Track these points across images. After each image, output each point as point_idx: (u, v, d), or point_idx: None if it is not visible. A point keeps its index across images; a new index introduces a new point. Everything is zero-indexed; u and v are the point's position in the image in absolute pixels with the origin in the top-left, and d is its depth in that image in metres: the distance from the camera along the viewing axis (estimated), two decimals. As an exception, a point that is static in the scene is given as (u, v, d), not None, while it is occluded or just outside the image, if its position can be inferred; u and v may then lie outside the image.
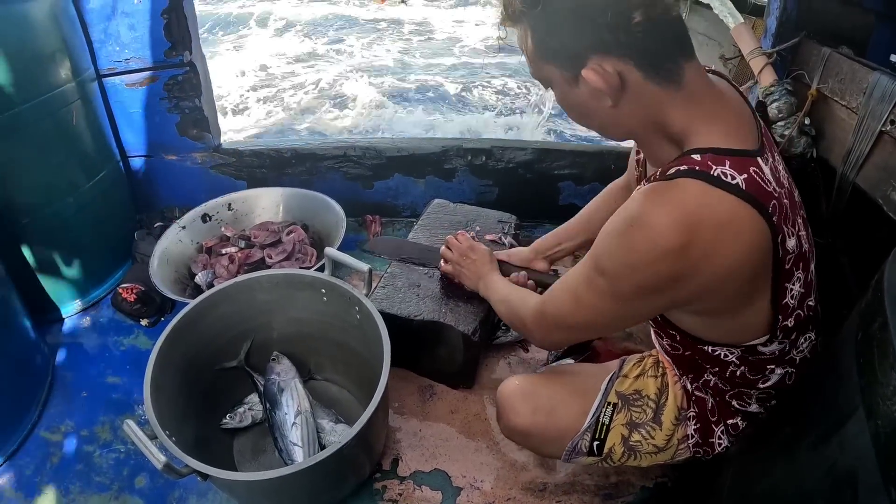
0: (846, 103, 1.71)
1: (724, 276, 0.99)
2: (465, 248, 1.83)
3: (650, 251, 0.97)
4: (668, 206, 0.96)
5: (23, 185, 1.93)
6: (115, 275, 2.35)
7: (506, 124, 6.82)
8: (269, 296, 1.75)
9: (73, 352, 2.09)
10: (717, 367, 1.26)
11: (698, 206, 0.95)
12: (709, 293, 1.03)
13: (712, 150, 0.99)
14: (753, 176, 0.97)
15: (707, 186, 0.95)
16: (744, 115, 1.09)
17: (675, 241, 0.94)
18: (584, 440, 1.39)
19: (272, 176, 2.67)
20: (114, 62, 2.29)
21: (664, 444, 1.37)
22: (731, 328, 1.16)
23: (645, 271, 1.00)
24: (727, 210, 0.95)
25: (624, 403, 1.39)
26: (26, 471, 1.70)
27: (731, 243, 0.96)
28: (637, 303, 1.09)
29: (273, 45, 9.83)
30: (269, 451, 1.71)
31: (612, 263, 1.05)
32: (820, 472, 0.85)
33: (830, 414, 0.88)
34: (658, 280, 1.00)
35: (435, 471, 1.71)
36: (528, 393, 1.45)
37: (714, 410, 1.35)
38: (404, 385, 1.95)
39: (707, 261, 0.96)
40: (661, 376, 1.42)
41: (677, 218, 0.95)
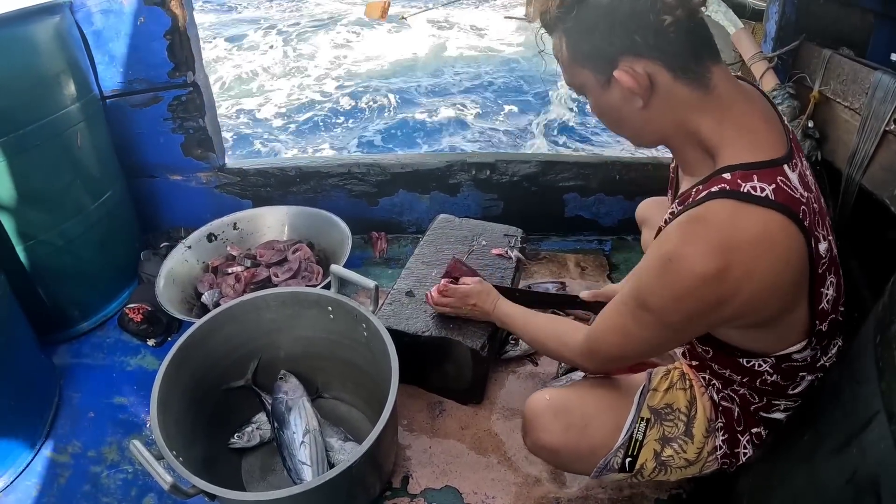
0: (849, 104, 1.71)
1: (766, 289, 1.00)
2: (457, 299, 1.78)
3: (691, 281, 0.99)
4: (701, 234, 0.99)
5: (29, 207, 1.93)
6: (121, 295, 2.35)
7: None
8: (275, 314, 1.74)
9: (80, 372, 2.08)
10: (747, 377, 1.26)
11: (731, 227, 0.97)
12: (754, 308, 1.03)
13: (742, 166, 1.01)
14: (781, 185, 0.99)
15: (737, 205, 0.98)
16: (771, 121, 1.10)
17: (714, 267, 0.96)
18: (617, 457, 1.36)
19: (277, 195, 2.67)
20: (118, 83, 2.31)
21: (695, 458, 1.36)
22: (771, 338, 1.15)
23: (689, 300, 1.02)
24: (759, 224, 0.97)
25: (657, 418, 1.37)
26: (33, 492, 1.69)
27: (768, 256, 0.98)
28: (686, 328, 1.12)
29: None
30: (277, 471, 1.70)
31: (656, 299, 1.06)
32: (841, 480, 0.83)
33: (851, 420, 0.86)
34: (703, 306, 1.02)
35: (446, 488, 1.69)
36: (560, 409, 1.41)
37: (740, 420, 1.34)
38: (413, 402, 1.94)
39: (748, 279, 0.97)
40: (689, 388, 1.40)
41: (713, 244, 0.97)
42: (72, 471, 1.75)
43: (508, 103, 8.01)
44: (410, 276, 2.03)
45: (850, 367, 0.95)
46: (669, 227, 1.06)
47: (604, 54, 1.04)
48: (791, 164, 1.04)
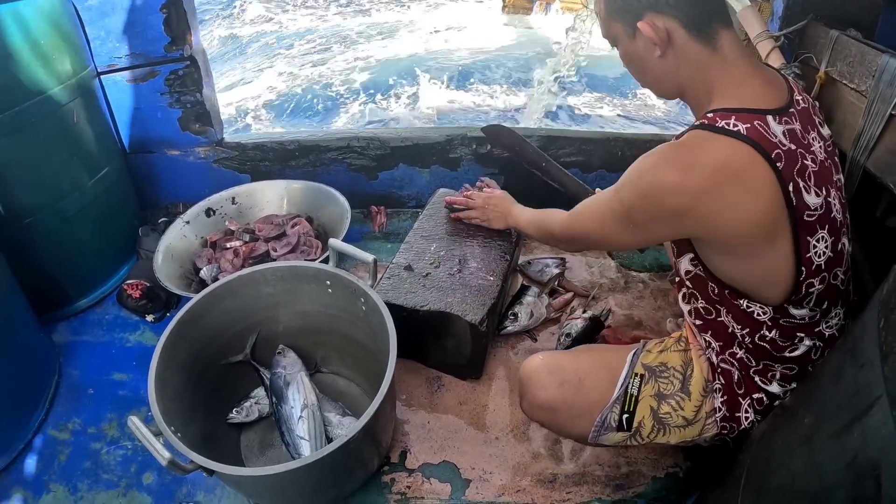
0: (855, 86, 1.68)
1: (727, 210, 1.12)
2: (484, 198, 2.08)
3: (654, 186, 1.17)
4: (673, 152, 1.16)
5: (25, 184, 1.92)
6: (119, 271, 2.35)
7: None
8: (273, 289, 1.73)
9: (80, 349, 2.08)
10: (747, 328, 1.29)
11: (699, 149, 1.14)
12: (719, 227, 1.15)
13: (724, 109, 1.16)
14: (756, 127, 1.12)
15: (709, 134, 1.13)
16: (772, 84, 1.23)
17: (674, 179, 1.13)
18: (614, 413, 1.39)
19: (276, 169, 2.66)
20: (114, 58, 2.28)
21: (693, 416, 1.38)
22: (758, 271, 1.22)
23: (650, 203, 1.19)
24: (725, 151, 1.11)
25: (651, 375, 1.41)
26: (34, 469, 1.70)
27: (729, 180, 1.11)
28: (648, 228, 1.27)
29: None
30: (276, 446, 1.70)
31: (628, 194, 1.25)
32: (841, 464, 0.82)
33: (852, 403, 0.85)
34: (662, 211, 1.18)
35: (444, 463, 1.69)
36: (554, 367, 1.46)
37: (741, 383, 1.36)
38: (412, 377, 1.94)
39: (705, 196, 1.12)
40: (684, 351, 1.44)
41: (679, 160, 1.15)
42: (72, 448, 1.76)
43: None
44: (409, 251, 2.03)
45: (853, 351, 0.94)
46: (658, 146, 1.21)
47: (632, 9, 1.22)
48: (778, 118, 1.15)
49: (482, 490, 1.63)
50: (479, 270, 1.93)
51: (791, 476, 1.00)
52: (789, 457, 1.03)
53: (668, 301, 2.20)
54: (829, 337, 1.28)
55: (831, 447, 0.88)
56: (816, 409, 1.02)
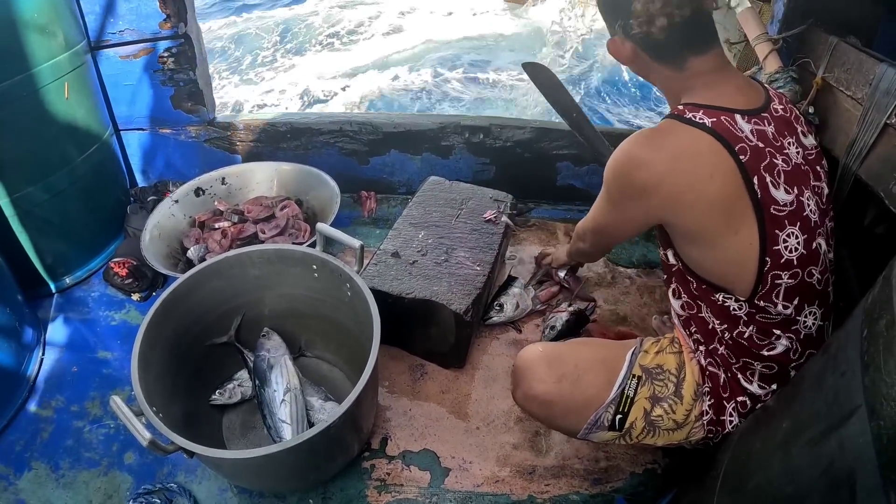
0: (851, 94, 1.68)
1: (688, 192, 1.20)
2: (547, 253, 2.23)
3: (627, 162, 1.27)
4: (642, 136, 1.28)
5: (14, 159, 1.91)
6: (107, 249, 2.34)
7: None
8: (260, 271, 1.73)
9: (64, 327, 2.08)
10: (725, 323, 1.32)
11: (665, 135, 1.25)
12: (681, 208, 1.23)
13: (693, 104, 1.26)
14: (722, 121, 1.20)
15: (676, 123, 1.24)
16: (750, 90, 1.32)
17: (641, 156, 1.25)
18: (608, 413, 1.39)
19: (267, 150, 2.65)
20: (107, 34, 2.27)
21: (683, 420, 1.39)
22: (724, 260, 1.26)
23: (621, 179, 1.30)
24: (688, 138, 1.21)
25: (647, 377, 1.41)
26: (16, 446, 1.70)
27: (690, 163, 1.20)
28: (623, 209, 1.38)
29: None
30: (258, 428, 1.71)
31: (608, 174, 1.33)
32: (817, 471, 0.83)
33: (831, 411, 0.86)
34: (634, 187, 1.27)
35: (424, 451, 1.70)
36: (554, 360, 1.45)
37: (726, 386, 1.37)
38: (395, 364, 1.95)
39: (668, 175, 1.21)
40: (678, 353, 1.45)
41: (647, 142, 1.26)
42: (55, 425, 1.76)
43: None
44: (398, 237, 2.03)
45: (835, 358, 0.94)
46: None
47: (609, 24, 1.36)
48: (748, 118, 1.23)
49: (461, 479, 1.64)
50: (467, 260, 1.93)
51: (767, 479, 1.00)
52: (767, 459, 1.04)
53: (654, 298, 2.21)
54: (805, 336, 1.30)
55: (808, 453, 0.88)
56: (795, 413, 1.03)
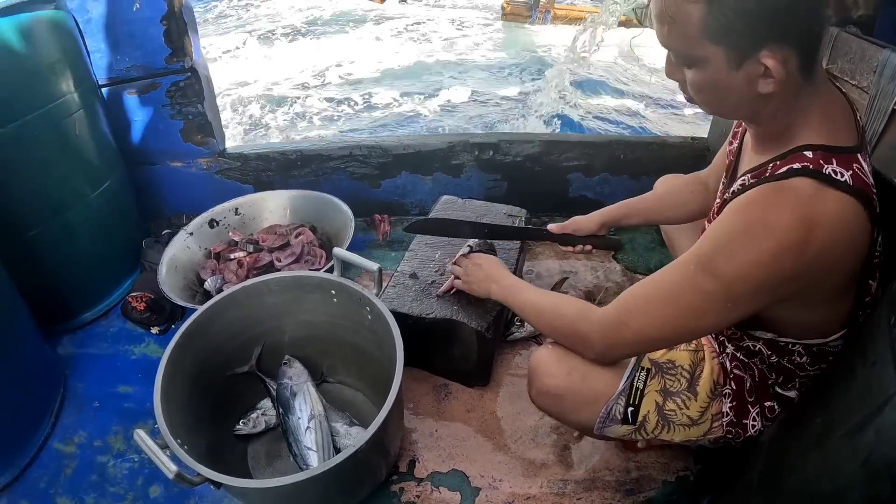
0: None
1: (832, 271, 1.04)
2: (471, 259, 1.75)
3: (774, 248, 1.00)
4: (788, 206, 1.00)
5: (28, 197, 1.92)
6: (124, 284, 2.34)
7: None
8: (278, 299, 1.72)
9: (85, 362, 2.08)
10: (776, 355, 1.27)
11: (815, 204, 0.99)
12: (815, 287, 1.06)
13: (821, 147, 1.04)
14: (857, 172, 1.01)
15: (820, 185, 1.00)
16: (846, 111, 1.12)
17: (797, 238, 0.98)
18: (619, 405, 1.37)
19: (278, 179, 2.66)
20: (115, 71, 2.29)
21: (698, 417, 1.36)
22: (813, 322, 1.16)
23: (765, 269, 1.02)
24: (839, 207, 0.99)
25: (657, 370, 1.39)
26: (40, 483, 1.69)
27: (842, 239, 1.00)
28: (745, 303, 1.09)
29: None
30: (283, 457, 1.69)
31: (734, 264, 1.04)
32: (855, 464, 0.81)
33: (865, 402, 0.85)
34: (777, 277, 1.02)
35: (452, 471, 1.69)
36: (563, 355, 1.41)
37: (752, 390, 1.34)
38: (418, 385, 1.93)
39: (822, 256, 1.00)
40: (695, 351, 1.41)
41: (798, 216, 0.99)
42: (78, 461, 1.75)
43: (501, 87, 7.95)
44: (414, 258, 2.02)
45: (864, 350, 0.93)
46: (751, 195, 1.06)
47: (755, 35, 0.98)
48: (863, 154, 1.06)
49: (492, 498, 1.62)
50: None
51: (804, 478, 0.99)
52: (802, 458, 1.02)
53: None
54: (842, 349, 1.24)
55: (844, 447, 0.87)
56: (828, 408, 1.01)
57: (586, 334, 1.30)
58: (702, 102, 1.15)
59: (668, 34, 1.07)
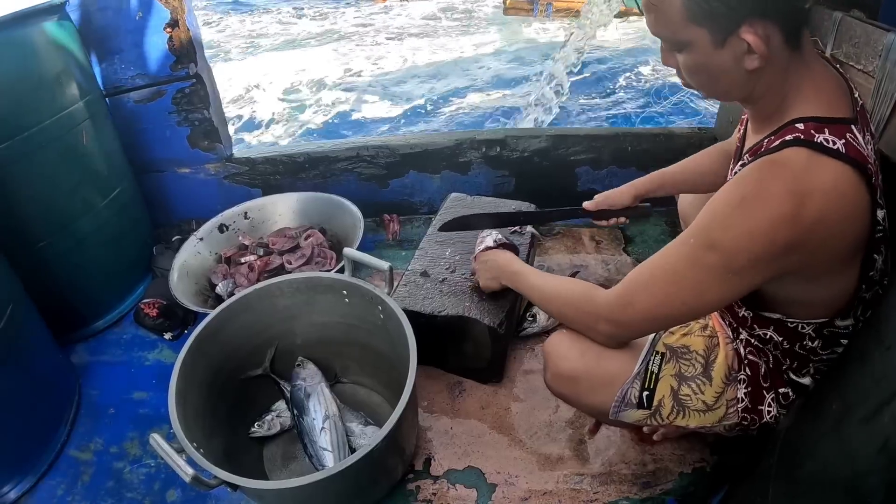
0: (862, 67, 1.66)
1: (832, 239, 1.03)
2: (478, 259, 1.81)
3: (767, 220, 1.01)
4: (780, 176, 1.02)
5: (38, 208, 1.93)
6: (136, 291, 2.35)
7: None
8: (290, 301, 1.73)
9: (99, 369, 2.09)
10: (788, 339, 1.25)
11: (807, 173, 1.00)
12: (816, 259, 1.05)
13: (813, 118, 1.05)
14: (850, 141, 1.02)
15: (812, 153, 1.01)
16: (841, 86, 1.12)
17: (790, 208, 0.99)
18: (634, 389, 1.37)
19: (286, 182, 2.66)
20: (120, 80, 2.30)
21: (713, 402, 1.36)
22: (818, 298, 1.16)
23: (761, 240, 1.02)
24: (832, 175, 1.00)
25: (672, 354, 1.39)
26: (58, 490, 1.70)
27: (838, 207, 1.00)
28: (746, 276, 1.09)
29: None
30: (299, 458, 1.70)
31: (729, 235, 1.06)
32: (872, 449, 0.81)
33: (881, 387, 0.84)
34: (773, 249, 1.03)
35: (468, 468, 1.68)
36: (577, 337, 1.41)
37: (766, 376, 1.33)
38: (432, 383, 1.93)
39: (818, 226, 1.00)
40: (709, 337, 1.41)
41: (790, 186, 1.00)
42: (95, 468, 1.76)
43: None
44: (424, 257, 2.02)
45: (879, 333, 0.92)
46: (745, 170, 1.07)
47: (733, 14, 1.02)
48: (858, 127, 1.05)
49: (508, 494, 1.62)
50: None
51: (822, 464, 0.98)
52: (819, 445, 1.02)
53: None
54: (857, 334, 1.23)
55: (861, 433, 0.87)
56: (844, 394, 1.01)
57: (593, 317, 1.31)
58: (697, 86, 1.18)
59: (656, 21, 1.11)
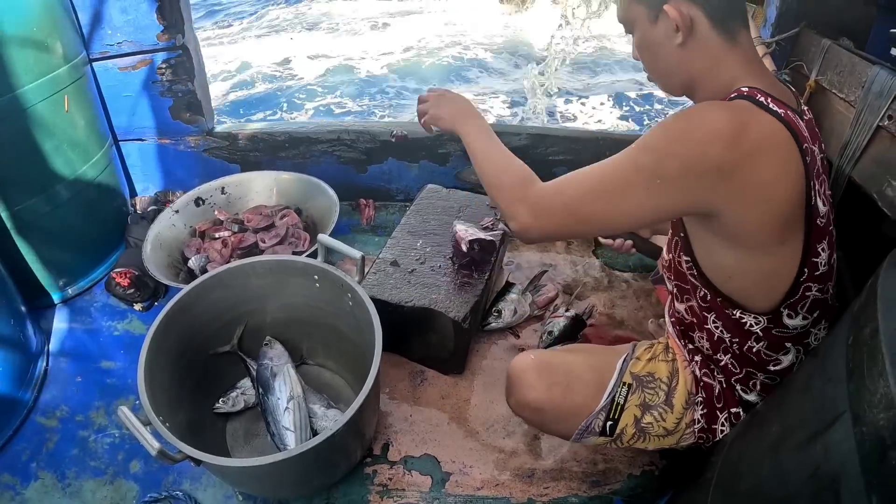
0: (844, 96, 1.69)
1: (761, 186, 1.08)
2: (441, 91, 1.62)
3: (704, 131, 1.07)
4: (724, 107, 1.11)
5: (14, 172, 1.93)
6: (108, 259, 2.36)
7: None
8: (262, 281, 1.75)
9: (68, 337, 2.10)
10: (737, 336, 1.30)
11: (748, 115, 1.08)
12: (745, 203, 1.09)
13: (759, 89, 1.13)
14: (790, 114, 1.11)
15: (752, 105, 1.09)
16: (786, 92, 1.22)
17: (728, 128, 1.05)
18: (598, 420, 1.41)
19: (266, 160, 2.67)
20: (106, 46, 2.29)
21: (673, 427, 1.41)
22: (762, 269, 1.19)
23: (695, 150, 1.07)
24: (769, 126, 1.08)
25: (638, 385, 1.43)
26: (22, 456, 1.72)
27: (771, 155, 1.07)
28: (671, 187, 1.10)
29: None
30: (261, 436, 1.73)
31: (664, 139, 1.12)
32: (804, 474, 0.84)
33: (818, 417, 0.87)
34: (705, 162, 1.06)
35: (425, 456, 1.73)
36: (544, 367, 1.45)
37: (720, 397, 1.39)
38: (396, 370, 1.97)
39: (750, 160, 1.05)
40: (672, 361, 1.46)
41: (731, 114, 1.07)
42: (59, 435, 1.78)
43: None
44: (396, 246, 2.05)
45: (823, 364, 0.96)
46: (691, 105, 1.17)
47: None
48: (797, 116, 1.14)
49: (462, 483, 1.66)
50: (464, 267, 1.95)
51: (758, 481, 1.02)
52: (758, 462, 1.06)
53: (651, 301, 2.23)
54: (804, 360, 1.29)
55: (796, 457, 0.90)
56: (785, 418, 1.05)
57: (521, 195, 1.25)
58: (646, 66, 1.32)
59: (617, 6, 1.30)
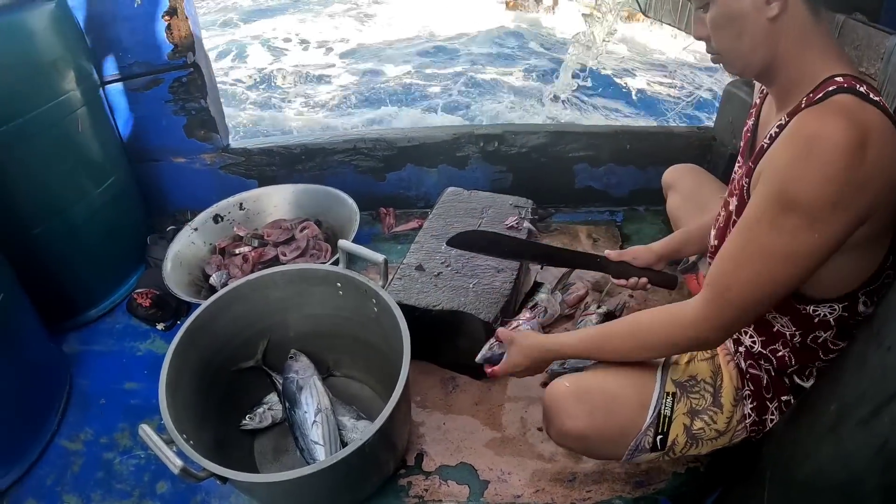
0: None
1: (885, 188, 0.99)
2: (507, 360, 1.52)
3: (838, 157, 0.95)
4: (839, 113, 0.98)
5: (32, 195, 1.92)
6: (129, 280, 2.34)
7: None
8: (283, 293, 1.71)
9: (90, 359, 2.08)
10: (801, 329, 1.22)
11: (862, 111, 0.98)
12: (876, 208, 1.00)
13: (850, 75, 1.04)
14: (883, 101, 1.02)
15: (859, 100, 0.99)
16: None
17: (856, 138, 0.94)
18: (648, 437, 1.34)
19: (283, 173, 2.65)
20: (117, 67, 2.28)
21: (725, 427, 1.34)
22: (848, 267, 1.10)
23: (839, 181, 0.96)
24: (880, 121, 0.98)
25: (682, 392, 1.35)
26: (47, 480, 1.69)
27: (890, 150, 0.97)
28: (830, 228, 1.01)
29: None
30: (290, 451, 1.69)
31: (805, 187, 0.99)
32: (870, 451, 0.80)
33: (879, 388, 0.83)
34: (850, 189, 0.97)
35: (461, 464, 1.67)
36: (582, 393, 1.37)
37: (769, 387, 1.32)
38: (426, 378, 1.92)
39: (878, 164, 0.96)
40: (712, 358, 1.39)
41: (852, 120, 0.96)
42: (84, 458, 1.75)
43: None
44: (420, 250, 2.01)
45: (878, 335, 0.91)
46: (796, 123, 1.04)
47: None
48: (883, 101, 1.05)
49: (500, 491, 1.61)
50: (491, 268, 1.90)
51: (818, 467, 0.98)
52: (815, 447, 1.01)
53: (682, 293, 2.16)
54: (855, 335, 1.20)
55: (859, 435, 0.86)
56: (841, 396, 1.00)
57: (690, 330, 1.20)
58: (722, 47, 1.16)
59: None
